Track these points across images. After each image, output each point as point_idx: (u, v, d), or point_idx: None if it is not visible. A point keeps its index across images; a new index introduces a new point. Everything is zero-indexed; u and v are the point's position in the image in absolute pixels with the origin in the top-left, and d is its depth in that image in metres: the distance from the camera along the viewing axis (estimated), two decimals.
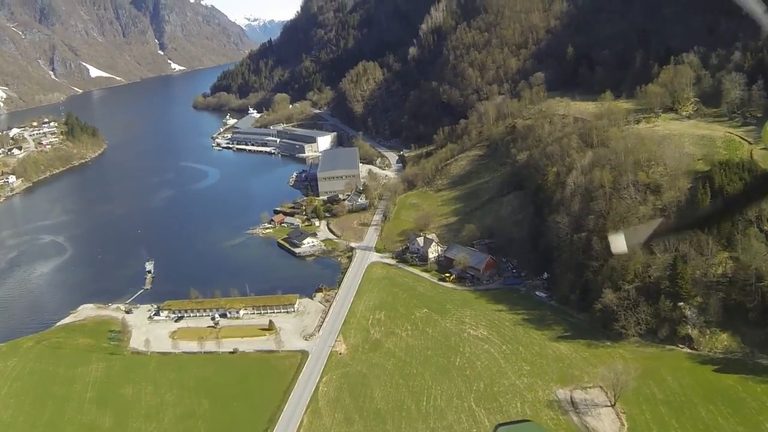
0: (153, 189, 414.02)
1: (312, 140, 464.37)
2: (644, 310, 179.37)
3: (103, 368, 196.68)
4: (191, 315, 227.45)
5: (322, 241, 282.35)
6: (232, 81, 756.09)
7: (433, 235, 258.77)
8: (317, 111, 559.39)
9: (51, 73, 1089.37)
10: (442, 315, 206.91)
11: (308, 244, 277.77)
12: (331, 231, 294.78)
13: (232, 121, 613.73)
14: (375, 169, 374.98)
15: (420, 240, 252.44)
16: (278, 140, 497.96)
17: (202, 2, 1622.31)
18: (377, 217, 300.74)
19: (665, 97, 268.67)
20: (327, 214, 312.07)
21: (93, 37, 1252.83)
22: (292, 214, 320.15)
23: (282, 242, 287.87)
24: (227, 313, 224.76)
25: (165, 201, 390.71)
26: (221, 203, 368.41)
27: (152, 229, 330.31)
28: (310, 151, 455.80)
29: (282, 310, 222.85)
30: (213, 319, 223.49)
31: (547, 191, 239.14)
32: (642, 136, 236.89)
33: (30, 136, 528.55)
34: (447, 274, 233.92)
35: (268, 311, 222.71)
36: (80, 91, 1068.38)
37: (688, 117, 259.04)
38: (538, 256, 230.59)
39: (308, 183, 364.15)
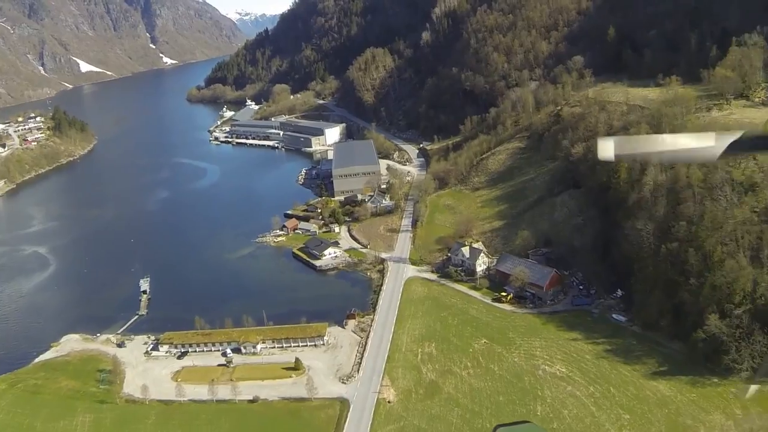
0: (146, 189, 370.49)
1: (319, 132, 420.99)
2: (759, 341, 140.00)
3: (91, 422, 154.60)
4: (197, 350, 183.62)
5: (346, 251, 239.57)
6: (228, 72, 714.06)
7: (479, 243, 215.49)
8: (321, 101, 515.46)
9: (40, 68, 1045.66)
10: (507, 347, 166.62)
11: (330, 256, 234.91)
12: (354, 239, 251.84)
13: (229, 114, 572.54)
14: (394, 164, 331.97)
15: (465, 250, 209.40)
16: (281, 133, 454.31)
17: None
18: (406, 222, 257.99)
19: (737, 82, 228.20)
20: (347, 219, 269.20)
21: (83, 31, 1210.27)
22: (306, 219, 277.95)
23: (298, 253, 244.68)
24: (242, 348, 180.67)
25: (160, 203, 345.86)
26: (224, 205, 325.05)
27: (147, 236, 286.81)
28: (317, 145, 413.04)
29: (309, 344, 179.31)
30: (225, 355, 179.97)
31: (619, 191, 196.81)
32: (721, 124, 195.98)
33: (15, 132, 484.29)
34: (503, 293, 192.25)
35: (292, 345, 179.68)
36: (70, 86, 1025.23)
37: (762, 103, 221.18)
38: (608, 269, 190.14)
39: (321, 181, 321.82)
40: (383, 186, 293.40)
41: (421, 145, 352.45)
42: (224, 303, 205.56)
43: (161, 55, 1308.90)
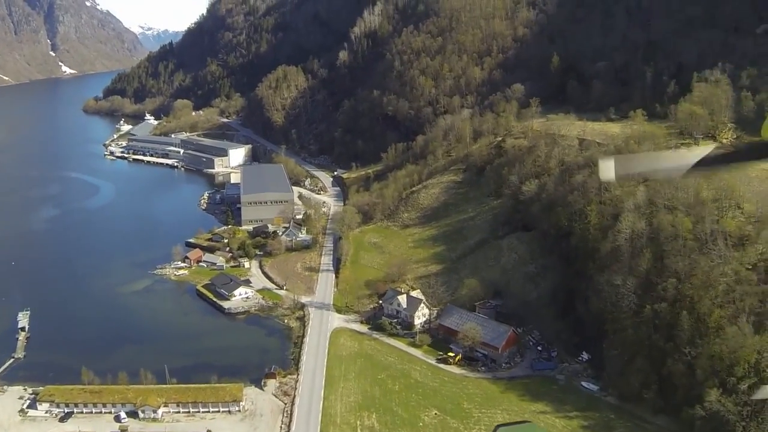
0: (33, 206, 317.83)
1: (223, 153, 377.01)
2: None
3: None
4: (85, 411, 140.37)
5: (259, 291, 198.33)
6: (128, 84, 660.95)
7: (418, 291, 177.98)
8: (225, 120, 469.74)
9: None
10: (463, 420, 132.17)
11: (240, 297, 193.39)
12: (267, 277, 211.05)
13: (126, 128, 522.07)
14: (307, 193, 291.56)
15: (401, 299, 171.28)
16: (182, 151, 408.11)
17: (98, 6, 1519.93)
18: (327, 260, 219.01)
19: (706, 120, 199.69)
20: (258, 252, 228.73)
21: None
22: (212, 249, 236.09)
23: (204, 291, 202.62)
24: (139, 412, 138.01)
25: (47, 222, 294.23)
26: (118, 229, 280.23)
27: (29, 261, 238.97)
28: (220, 166, 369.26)
29: (222, 409, 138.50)
30: (118, 420, 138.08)
31: (587, 238, 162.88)
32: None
33: None
34: (450, 353, 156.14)
35: (201, 410, 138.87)
36: None
37: (731, 145, 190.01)
38: (570, 328, 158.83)
39: (227, 208, 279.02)
40: (298, 217, 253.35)
41: (336, 173, 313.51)
42: (117, 348, 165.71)
43: (61, 63, 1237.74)
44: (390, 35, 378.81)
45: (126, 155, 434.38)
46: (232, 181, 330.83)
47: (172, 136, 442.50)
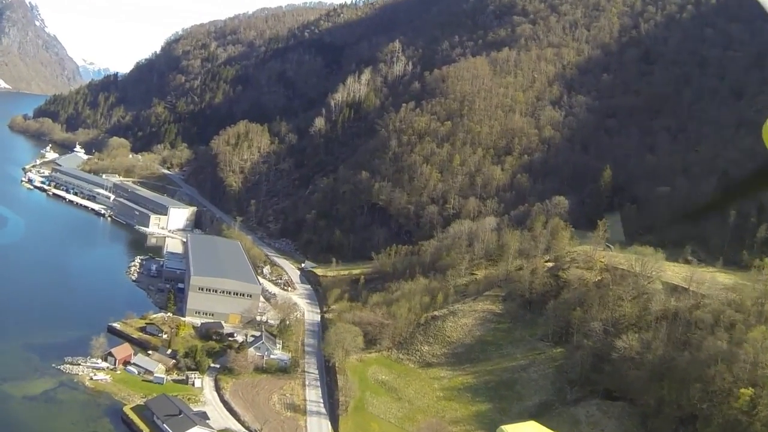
0: None
1: (161, 210, 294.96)
2: None
3: None
4: None
5: None
6: (62, 108, 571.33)
7: None
8: (167, 171, 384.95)
9: None
10: None
11: None
12: (231, 411, 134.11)
13: (51, 155, 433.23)
14: (268, 286, 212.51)
15: None
16: (112, 197, 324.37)
17: (45, 28, 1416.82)
18: (314, 395, 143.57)
19: None
20: (213, 364, 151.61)
21: None
22: (145, 346, 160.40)
23: (134, 418, 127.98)
24: None
25: None
26: (19, 284, 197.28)
27: None
28: (156, 226, 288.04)
29: None
30: None
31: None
32: None
33: None
34: None
35: None
36: None
37: None
38: None
39: (168, 287, 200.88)
40: (268, 321, 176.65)
41: (305, 266, 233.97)
42: None
43: None
44: (377, 109, 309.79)
45: (46, 187, 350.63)
46: (170, 249, 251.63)
47: (103, 176, 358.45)
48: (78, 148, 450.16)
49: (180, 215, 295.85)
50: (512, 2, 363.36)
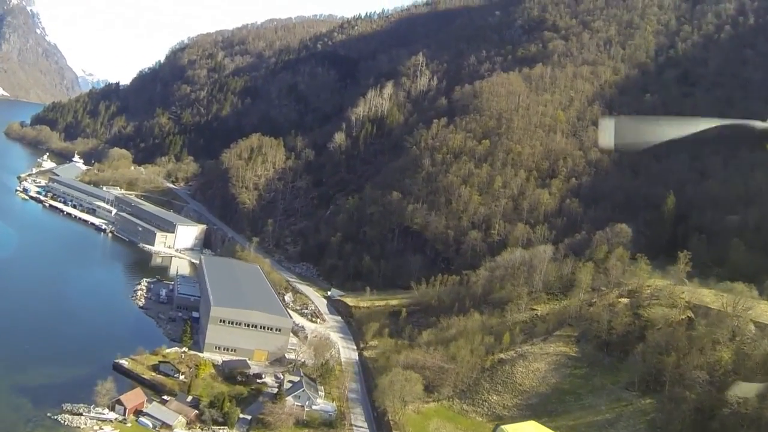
0: None
1: (168, 227, 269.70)
2: None
3: None
4: None
5: None
6: (61, 116, 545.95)
7: None
8: (171, 185, 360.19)
9: None
10: None
11: None
12: None
13: (49, 165, 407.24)
14: (295, 317, 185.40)
15: None
16: (114, 211, 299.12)
17: (46, 37, 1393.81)
18: None
19: None
20: (244, 416, 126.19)
21: None
22: (159, 389, 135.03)
23: None
24: None
25: None
26: (7, 313, 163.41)
27: None
28: (162, 245, 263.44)
29: None
30: None
31: None
32: None
33: None
34: None
35: None
36: None
37: None
38: None
39: (179, 314, 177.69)
40: (297, 358, 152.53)
41: (332, 294, 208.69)
42: None
43: None
44: (401, 125, 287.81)
45: (42, 197, 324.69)
46: (180, 272, 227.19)
47: (104, 188, 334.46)
48: (77, 158, 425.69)
49: (188, 233, 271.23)
50: (541, 17, 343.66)
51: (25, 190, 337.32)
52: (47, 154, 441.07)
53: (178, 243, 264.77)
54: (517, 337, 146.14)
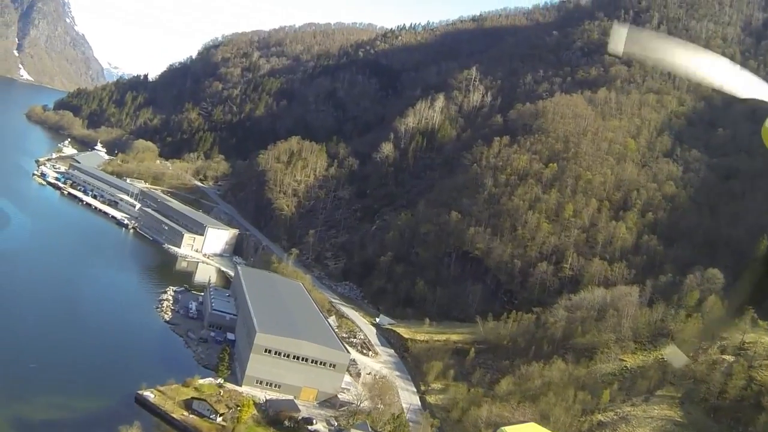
0: None
1: (197, 228, 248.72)
2: None
3: None
4: None
5: None
6: (85, 103, 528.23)
7: None
8: (200, 184, 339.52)
9: None
10: None
11: None
12: None
13: (69, 151, 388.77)
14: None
15: None
16: (138, 206, 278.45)
17: (75, 27, 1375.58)
18: None
19: None
20: None
21: None
22: None
23: None
24: None
25: None
26: (12, 322, 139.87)
27: None
28: (189, 247, 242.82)
29: None
30: None
31: None
32: None
33: None
34: None
35: None
36: None
37: None
38: None
39: (212, 334, 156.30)
40: (355, 403, 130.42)
41: (379, 321, 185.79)
42: None
43: (20, 66, 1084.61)
44: (454, 141, 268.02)
45: (61, 184, 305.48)
46: (210, 280, 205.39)
47: (128, 180, 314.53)
48: (99, 146, 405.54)
49: (219, 237, 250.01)
50: (602, 41, 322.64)
51: (42, 175, 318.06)
52: (68, 140, 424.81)
53: (206, 247, 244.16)
54: (616, 396, 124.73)
